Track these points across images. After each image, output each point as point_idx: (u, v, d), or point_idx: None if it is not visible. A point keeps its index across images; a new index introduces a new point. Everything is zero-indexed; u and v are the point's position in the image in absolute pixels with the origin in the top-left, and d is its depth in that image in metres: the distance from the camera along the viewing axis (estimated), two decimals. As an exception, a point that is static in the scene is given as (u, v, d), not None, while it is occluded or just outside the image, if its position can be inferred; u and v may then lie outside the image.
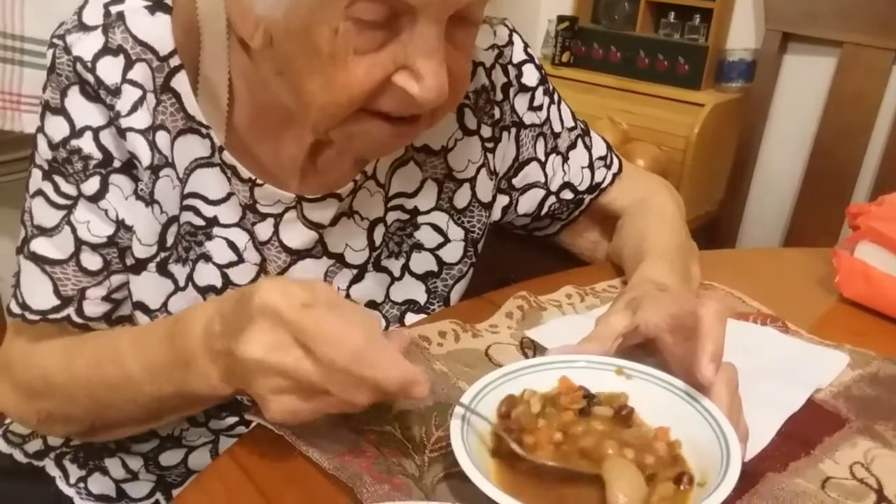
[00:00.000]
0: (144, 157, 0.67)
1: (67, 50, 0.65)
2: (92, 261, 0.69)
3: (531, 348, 0.74)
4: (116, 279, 0.71)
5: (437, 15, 0.58)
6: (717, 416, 0.57)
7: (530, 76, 0.87)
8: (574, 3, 1.99)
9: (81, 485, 0.81)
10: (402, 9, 0.57)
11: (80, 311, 0.70)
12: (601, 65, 1.93)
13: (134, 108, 0.66)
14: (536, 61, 0.88)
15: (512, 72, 0.85)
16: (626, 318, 0.66)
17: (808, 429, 0.64)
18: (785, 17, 1.76)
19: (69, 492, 0.81)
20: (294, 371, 0.51)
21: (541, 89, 0.88)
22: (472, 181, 0.84)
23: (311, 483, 0.56)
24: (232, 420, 0.79)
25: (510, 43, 0.85)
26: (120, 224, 0.69)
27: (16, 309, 0.71)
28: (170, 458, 0.80)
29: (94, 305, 0.71)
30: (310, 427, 0.59)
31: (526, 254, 1.14)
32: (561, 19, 1.94)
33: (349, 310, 0.54)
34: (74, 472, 0.81)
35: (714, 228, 1.93)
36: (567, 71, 1.96)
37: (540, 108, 0.88)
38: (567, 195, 0.93)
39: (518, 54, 0.86)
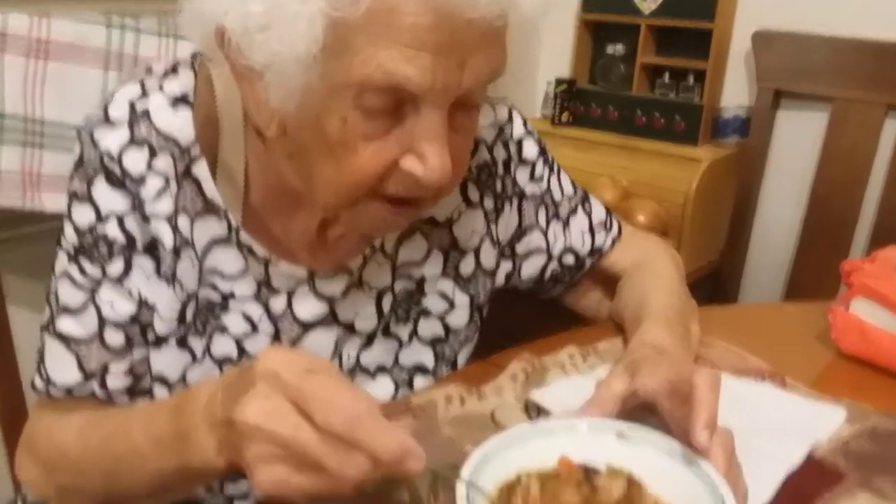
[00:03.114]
0: (167, 240, 0.71)
1: (94, 144, 0.70)
2: (115, 338, 0.73)
3: (535, 410, 0.76)
4: (138, 354, 0.74)
5: (440, 102, 0.62)
6: (715, 479, 0.58)
7: (530, 149, 0.91)
8: (571, 66, 2.06)
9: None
10: (407, 97, 0.61)
11: (102, 385, 0.73)
12: (600, 123, 1.98)
13: (158, 196, 0.70)
14: (535, 135, 0.93)
15: (512, 147, 0.89)
16: (625, 382, 0.68)
17: (807, 485, 0.66)
18: (776, 75, 1.81)
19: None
20: (289, 439, 0.51)
21: (540, 161, 0.92)
22: (477, 250, 0.88)
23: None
24: (246, 486, 0.81)
25: (510, 120, 0.90)
26: (142, 303, 0.72)
27: (40, 384, 0.74)
28: (187, 525, 0.82)
29: (116, 379, 0.74)
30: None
31: (531, 310, 1.17)
32: (559, 82, 2.00)
33: (352, 384, 0.55)
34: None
35: (716, 279, 1.95)
36: (567, 130, 2.01)
37: (540, 178, 0.92)
38: (569, 260, 0.97)
39: (518, 130, 0.90)
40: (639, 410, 0.68)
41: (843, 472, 0.68)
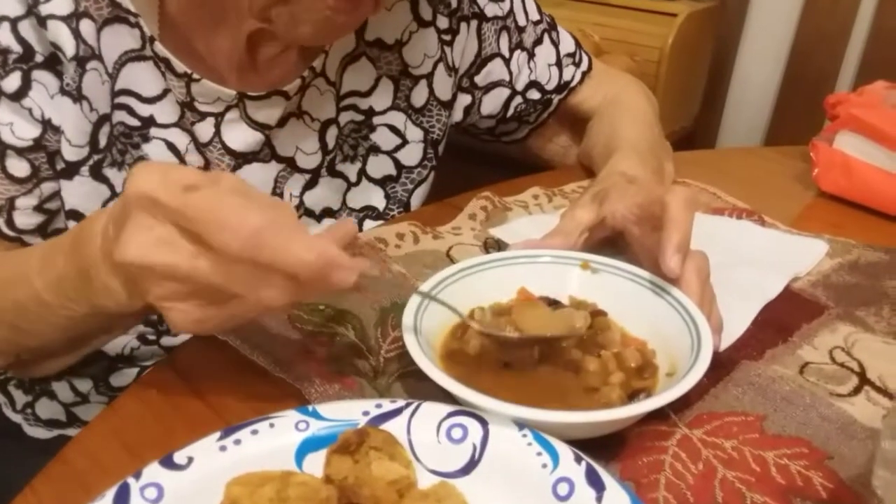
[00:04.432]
0: (68, 47, 0.61)
1: None
2: (19, 167, 0.64)
3: (496, 248, 0.70)
4: (47, 187, 0.65)
5: None
6: (687, 305, 0.53)
7: None
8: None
9: (29, 410, 0.76)
10: None
11: (10, 223, 0.65)
12: (572, -23, 1.85)
13: None
14: (496, -53, 0.82)
15: (469, -44, 0.79)
16: (592, 211, 0.62)
17: (786, 317, 0.61)
18: (760, -81, 1.69)
19: (16, 418, 0.77)
20: (188, 271, 0.42)
21: (502, -23, 0.82)
22: (430, 77, 0.79)
23: (257, 388, 0.52)
24: (185, 336, 0.75)
25: None
26: (46, 124, 0.63)
27: None
28: (121, 378, 0.76)
29: (25, 216, 0.65)
30: (256, 331, 0.55)
31: (492, 178, 1.09)
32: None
33: (253, 195, 0.44)
34: (20, 398, 0.77)
35: (690, 145, 1.89)
36: (537, -15, 1.88)
37: (502, -2, 0.83)
38: (534, 95, 0.88)
39: None
40: (606, 249, 0.63)
41: (824, 305, 0.64)
